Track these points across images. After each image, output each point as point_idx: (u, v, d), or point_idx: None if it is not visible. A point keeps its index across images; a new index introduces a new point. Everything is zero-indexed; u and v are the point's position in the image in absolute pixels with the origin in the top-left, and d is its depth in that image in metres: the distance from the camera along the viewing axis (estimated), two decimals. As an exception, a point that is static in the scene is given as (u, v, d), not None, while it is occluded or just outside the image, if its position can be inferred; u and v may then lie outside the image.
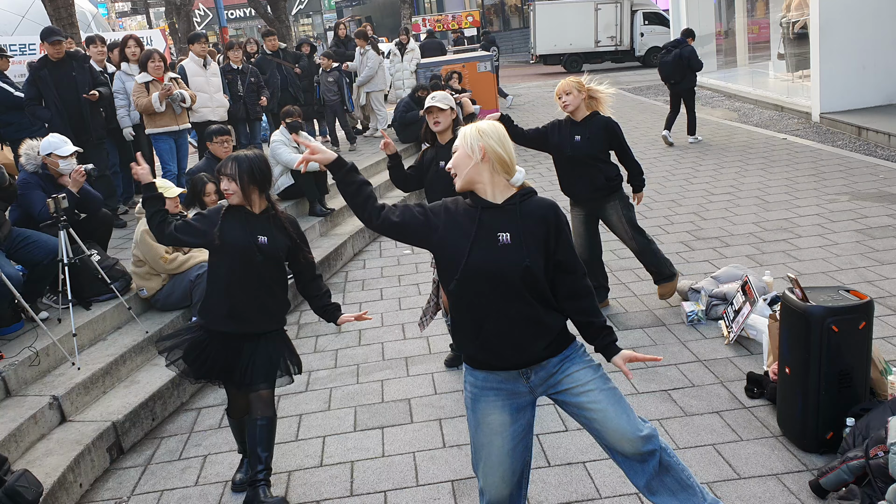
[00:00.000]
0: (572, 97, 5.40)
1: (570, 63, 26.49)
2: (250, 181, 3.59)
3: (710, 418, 4.23)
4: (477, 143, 2.73)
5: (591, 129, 5.41)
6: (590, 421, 2.90)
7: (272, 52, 11.46)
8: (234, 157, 3.63)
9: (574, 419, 2.98)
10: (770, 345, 4.51)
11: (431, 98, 4.76)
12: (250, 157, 3.63)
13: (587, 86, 5.43)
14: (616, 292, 6.16)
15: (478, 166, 2.74)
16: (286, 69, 11.39)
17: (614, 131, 5.44)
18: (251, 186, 3.61)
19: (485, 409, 2.86)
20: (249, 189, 3.60)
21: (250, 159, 3.62)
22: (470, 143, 2.74)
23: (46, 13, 10.97)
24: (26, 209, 5.46)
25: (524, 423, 2.92)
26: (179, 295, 5.61)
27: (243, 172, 3.58)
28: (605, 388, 2.89)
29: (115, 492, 4.16)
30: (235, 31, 47.45)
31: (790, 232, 7.15)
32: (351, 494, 3.89)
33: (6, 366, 4.60)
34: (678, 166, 10.43)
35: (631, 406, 2.93)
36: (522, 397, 2.90)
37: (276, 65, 11.28)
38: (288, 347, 3.95)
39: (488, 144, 2.72)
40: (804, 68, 13.66)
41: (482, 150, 2.72)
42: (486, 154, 2.72)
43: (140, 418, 4.67)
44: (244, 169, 3.58)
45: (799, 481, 3.60)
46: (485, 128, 2.77)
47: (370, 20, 15.68)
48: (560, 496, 3.69)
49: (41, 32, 7.47)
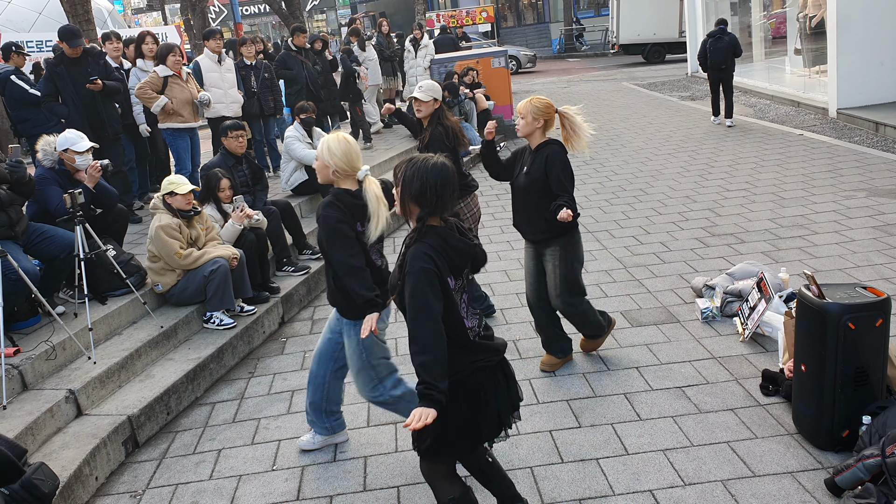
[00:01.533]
0: (524, 122, 4.57)
1: (652, 53, 25.67)
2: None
3: (725, 416, 4.21)
4: (328, 159, 3.62)
5: (538, 160, 4.58)
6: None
7: (297, 49, 11.45)
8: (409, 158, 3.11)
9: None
10: (786, 342, 4.49)
11: (419, 88, 5.29)
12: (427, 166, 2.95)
13: (562, 111, 4.64)
14: (629, 289, 6.14)
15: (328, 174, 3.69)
16: (306, 66, 11.40)
17: (553, 163, 4.52)
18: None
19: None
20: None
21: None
22: (323, 159, 3.65)
23: (63, 10, 11.03)
24: (43, 204, 5.50)
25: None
26: (194, 290, 5.64)
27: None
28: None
29: (131, 485, 4.19)
30: (250, 27, 47.57)
31: (806, 228, 7.10)
32: (364, 489, 3.90)
33: (23, 359, 4.64)
34: (693, 162, 10.38)
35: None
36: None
37: (300, 61, 11.29)
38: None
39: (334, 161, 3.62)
40: (821, 63, 13.53)
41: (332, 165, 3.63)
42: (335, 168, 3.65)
43: (155, 412, 4.70)
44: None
45: (814, 479, 3.58)
46: (333, 147, 3.61)
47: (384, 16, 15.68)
48: (573, 493, 3.68)
49: (60, 32, 7.50)
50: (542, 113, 4.54)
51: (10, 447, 3.40)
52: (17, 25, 17.57)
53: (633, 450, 3.97)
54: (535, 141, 4.63)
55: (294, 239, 7.16)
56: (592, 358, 5.04)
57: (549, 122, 4.60)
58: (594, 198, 9.12)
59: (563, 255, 4.64)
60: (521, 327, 5.65)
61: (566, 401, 4.53)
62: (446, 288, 2.85)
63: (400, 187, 2.92)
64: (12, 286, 4.63)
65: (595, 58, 30.63)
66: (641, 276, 6.41)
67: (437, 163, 2.90)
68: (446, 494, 3.08)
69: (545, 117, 4.56)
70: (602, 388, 4.63)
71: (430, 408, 2.64)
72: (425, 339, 2.73)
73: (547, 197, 4.50)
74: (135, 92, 7.81)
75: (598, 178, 10.08)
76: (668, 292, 5.98)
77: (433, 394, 2.67)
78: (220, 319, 5.66)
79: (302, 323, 6.25)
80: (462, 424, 2.93)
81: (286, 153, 8.25)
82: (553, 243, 4.64)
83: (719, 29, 12.42)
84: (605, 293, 6.10)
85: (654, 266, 6.59)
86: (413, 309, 2.77)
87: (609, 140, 12.71)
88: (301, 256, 7.21)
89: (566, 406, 4.47)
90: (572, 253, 4.67)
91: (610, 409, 4.40)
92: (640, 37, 25.53)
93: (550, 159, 4.52)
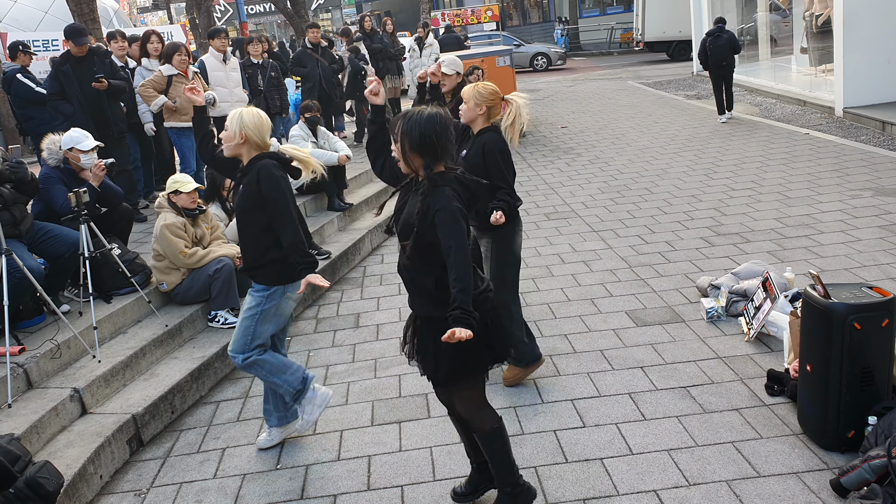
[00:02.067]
0: (466, 108, 4.42)
1: (677, 51, 25.44)
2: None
3: (730, 416, 4.19)
4: (238, 130, 3.84)
5: (474, 146, 4.42)
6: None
7: (313, 46, 11.44)
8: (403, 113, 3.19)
9: None
10: (791, 342, 4.47)
11: (442, 62, 5.49)
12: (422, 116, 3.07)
13: (508, 98, 4.39)
14: (634, 288, 6.12)
15: (239, 147, 3.91)
16: (321, 64, 11.41)
17: (492, 153, 4.33)
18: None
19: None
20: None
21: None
22: (233, 129, 3.85)
23: (69, 9, 11.05)
24: (48, 203, 5.51)
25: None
26: (199, 289, 5.65)
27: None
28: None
29: (135, 484, 4.19)
30: (255, 26, 47.59)
31: (812, 228, 7.07)
32: (368, 489, 3.90)
33: (28, 358, 4.65)
34: (698, 161, 10.35)
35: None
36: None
37: (315, 59, 11.29)
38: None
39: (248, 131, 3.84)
40: (827, 62, 13.48)
41: (242, 136, 3.85)
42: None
43: (160, 411, 4.71)
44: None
45: (819, 480, 3.57)
46: (246, 119, 3.84)
47: (389, 14, 15.65)
48: (577, 493, 3.67)
49: (66, 31, 7.51)
50: (484, 99, 4.38)
51: (2, 453, 3.37)
52: (23, 24, 17.61)
53: (637, 450, 3.96)
54: (478, 126, 4.48)
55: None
56: (597, 357, 5.03)
57: (492, 110, 4.44)
58: (599, 197, 9.11)
59: (496, 248, 4.53)
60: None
61: (570, 400, 4.52)
62: (467, 224, 3.12)
63: (400, 142, 3.07)
64: (17, 284, 4.64)
65: (601, 56, 30.62)
66: (646, 275, 6.40)
67: (431, 112, 3.07)
68: (488, 424, 3.40)
69: (488, 104, 4.39)
70: (607, 388, 4.62)
71: (467, 329, 2.89)
72: (463, 268, 2.99)
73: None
74: (137, 89, 7.84)
75: (603, 177, 10.06)
76: (674, 292, 5.96)
77: (469, 319, 2.92)
78: (225, 318, 5.67)
79: (306, 322, 6.25)
80: (477, 343, 3.09)
81: (291, 152, 8.24)
82: (486, 235, 4.52)
83: (718, 27, 12.87)
84: (610, 293, 6.09)
85: (660, 265, 6.58)
86: (453, 241, 3.00)
87: (614, 139, 12.69)
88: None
89: (570, 406, 4.46)
90: (505, 246, 4.54)
91: (614, 408, 4.38)
92: (665, 34, 25.35)
93: (488, 147, 4.36)
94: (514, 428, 4.27)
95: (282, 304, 4.10)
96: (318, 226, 7.85)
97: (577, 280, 6.46)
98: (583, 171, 10.63)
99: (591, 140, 12.85)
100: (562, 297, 6.10)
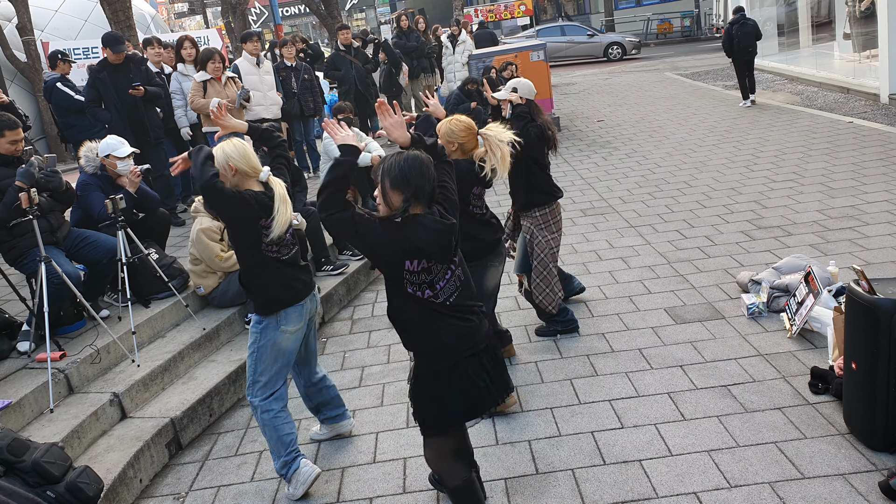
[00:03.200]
0: (443, 143, 4.10)
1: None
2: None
3: (773, 415, 4.09)
4: (225, 163, 3.68)
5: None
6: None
7: (345, 48, 11.47)
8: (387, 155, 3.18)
9: None
10: (835, 338, 4.35)
11: (513, 90, 5.12)
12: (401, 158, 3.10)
13: (482, 132, 4.09)
14: (673, 284, 6.02)
15: (233, 179, 3.72)
16: (355, 66, 11.44)
17: (460, 174, 3.90)
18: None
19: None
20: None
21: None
22: (220, 164, 3.69)
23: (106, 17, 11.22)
24: (86, 210, 5.59)
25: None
26: (235, 292, 5.69)
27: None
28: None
29: (174, 487, 4.23)
30: (291, 28, 47.96)
31: (857, 220, 6.88)
32: (403, 491, 3.88)
33: (69, 363, 4.73)
34: (738, 153, 10.15)
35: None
36: None
37: (349, 61, 11.33)
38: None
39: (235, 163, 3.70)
40: (872, 48, 13.15)
41: (231, 168, 3.70)
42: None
43: (198, 414, 4.75)
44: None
45: (867, 482, 3.45)
46: (228, 150, 3.71)
47: (423, 12, 15.60)
48: (615, 495, 3.61)
49: (105, 39, 7.63)
50: (455, 136, 4.21)
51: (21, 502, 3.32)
52: (63, 33, 17.96)
53: (677, 451, 3.88)
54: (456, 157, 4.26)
55: (333, 239, 7.17)
56: (635, 356, 4.95)
57: (465, 146, 4.25)
58: (637, 191, 8.98)
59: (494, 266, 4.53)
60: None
61: (608, 401, 4.46)
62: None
63: (380, 181, 3.03)
64: (56, 290, 4.72)
65: (659, 46, 30.16)
66: (686, 271, 6.28)
67: (413, 154, 3.08)
68: (451, 481, 3.32)
69: (460, 140, 4.22)
70: (645, 388, 4.54)
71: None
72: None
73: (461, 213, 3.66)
74: (190, 106, 7.94)
75: (641, 171, 9.92)
76: (713, 288, 5.85)
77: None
78: (261, 321, 5.69)
79: (342, 323, 6.26)
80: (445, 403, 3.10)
81: (325, 154, 8.27)
82: (472, 262, 4.07)
83: (741, 15, 13.34)
84: (649, 290, 5.99)
85: (699, 261, 6.46)
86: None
87: (652, 132, 12.51)
88: (341, 256, 7.23)
89: (608, 406, 4.39)
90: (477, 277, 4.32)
91: (653, 408, 4.31)
92: None
93: (459, 170, 3.94)
94: (551, 429, 4.22)
95: (279, 340, 3.85)
96: (353, 226, 7.84)
97: (615, 277, 6.37)
98: (620, 165, 10.50)
99: (627, 133, 12.69)
100: (599, 295, 6.02)
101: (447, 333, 3.07)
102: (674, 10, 31.81)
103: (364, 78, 11.41)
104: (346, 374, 5.28)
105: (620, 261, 6.74)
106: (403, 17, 15.47)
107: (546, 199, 5.18)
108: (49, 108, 11.55)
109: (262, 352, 3.86)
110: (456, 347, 3.08)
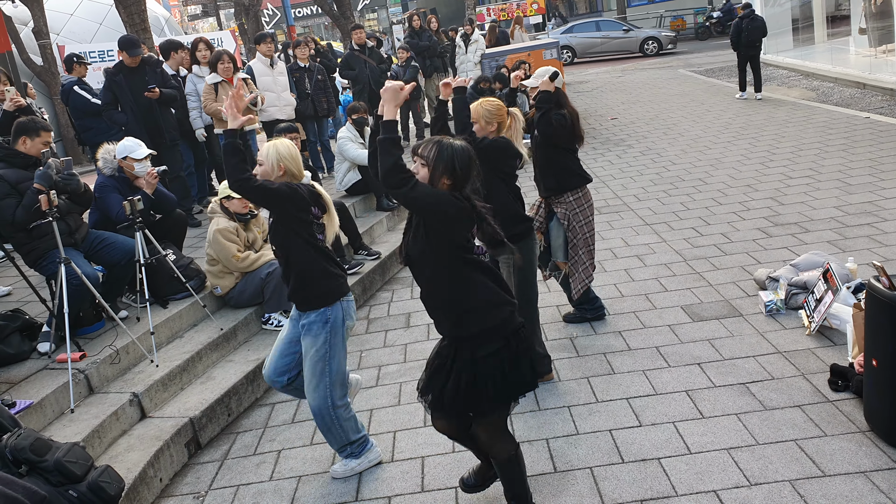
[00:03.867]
0: (478, 127, 4.48)
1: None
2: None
3: (792, 412, 4.07)
4: (276, 162, 3.78)
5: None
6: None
7: (360, 47, 11.50)
8: (436, 140, 3.17)
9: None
10: (855, 335, 4.32)
11: (535, 76, 5.17)
12: (455, 146, 3.13)
13: (513, 111, 4.56)
14: (690, 282, 6.00)
15: (279, 180, 3.77)
16: (369, 65, 11.46)
17: (505, 148, 4.43)
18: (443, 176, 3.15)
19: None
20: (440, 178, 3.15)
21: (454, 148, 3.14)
22: (271, 162, 3.78)
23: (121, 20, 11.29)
24: (104, 212, 5.63)
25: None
26: (252, 292, 5.72)
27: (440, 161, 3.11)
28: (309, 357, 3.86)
29: (194, 486, 4.26)
30: (303, 29, 48.09)
31: (875, 216, 6.82)
32: (422, 490, 3.88)
33: (89, 364, 4.76)
34: (753, 150, 10.09)
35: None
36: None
37: (363, 60, 11.35)
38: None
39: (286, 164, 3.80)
40: (888, 42, 13.04)
41: (281, 168, 3.79)
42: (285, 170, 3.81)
43: (216, 414, 4.77)
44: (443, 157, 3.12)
45: (890, 479, 3.43)
46: (282, 151, 3.79)
47: (434, 12, 15.61)
48: (634, 493, 3.60)
49: (121, 42, 7.67)
50: (494, 116, 4.47)
51: (27, 494, 3.27)
52: (79, 37, 18.11)
53: (695, 449, 3.87)
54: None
55: (349, 239, 7.19)
56: (652, 354, 4.93)
57: (501, 125, 4.51)
58: (652, 189, 8.95)
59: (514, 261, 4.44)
60: (577, 325, 5.56)
61: (626, 399, 4.44)
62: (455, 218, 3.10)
63: (428, 163, 3.10)
64: (75, 291, 4.76)
65: (688, 41, 30.00)
66: (702, 268, 6.26)
67: (460, 143, 3.16)
68: (506, 451, 3.38)
69: (498, 120, 4.48)
70: (663, 386, 4.53)
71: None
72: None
73: (491, 199, 3.84)
74: (204, 111, 7.99)
75: (656, 169, 9.88)
76: (731, 285, 5.82)
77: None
78: (279, 320, 5.72)
79: (358, 322, 6.27)
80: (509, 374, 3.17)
81: (339, 154, 8.30)
82: (499, 251, 4.13)
83: (750, 10, 13.66)
84: (665, 287, 5.97)
85: (716, 258, 6.43)
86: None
87: (666, 129, 12.47)
88: (356, 256, 7.24)
89: (626, 404, 4.38)
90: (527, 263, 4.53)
91: (671, 407, 4.29)
92: None
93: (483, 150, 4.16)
94: (568, 428, 4.22)
95: (344, 335, 3.88)
96: (368, 226, 7.87)
97: (631, 275, 6.35)
98: (634, 162, 10.46)
99: (641, 131, 12.64)
100: (615, 293, 6.01)
101: (506, 302, 3.19)
102: (687, 6, 31.68)
103: (378, 77, 11.42)
104: (362, 373, 5.29)
105: (636, 259, 6.72)
106: (415, 16, 15.48)
107: (579, 182, 5.27)
108: (66, 111, 11.65)
109: (336, 350, 3.84)
110: (512, 314, 3.19)
